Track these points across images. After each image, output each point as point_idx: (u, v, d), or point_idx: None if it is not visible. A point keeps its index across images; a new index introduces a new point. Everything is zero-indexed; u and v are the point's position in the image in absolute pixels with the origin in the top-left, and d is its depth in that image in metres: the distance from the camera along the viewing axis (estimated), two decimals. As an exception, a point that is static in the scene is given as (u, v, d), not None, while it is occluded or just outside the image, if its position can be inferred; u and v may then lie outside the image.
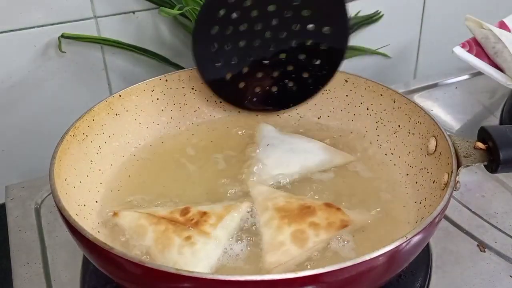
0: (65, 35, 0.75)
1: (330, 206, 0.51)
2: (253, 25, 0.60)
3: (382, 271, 0.41)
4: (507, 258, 0.57)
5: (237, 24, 0.59)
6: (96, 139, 0.59)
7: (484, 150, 0.51)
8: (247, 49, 0.61)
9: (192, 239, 0.47)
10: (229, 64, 0.62)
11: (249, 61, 0.62)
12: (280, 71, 0.64)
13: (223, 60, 0.61)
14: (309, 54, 0.62)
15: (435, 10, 1.06)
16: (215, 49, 0.61)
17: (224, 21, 0.59)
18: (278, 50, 0.62)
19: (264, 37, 0.61)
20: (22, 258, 0.58)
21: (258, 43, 0.61)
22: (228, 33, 0.60)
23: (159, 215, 0.51)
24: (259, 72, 0.64)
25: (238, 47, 0.61)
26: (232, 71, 0.62)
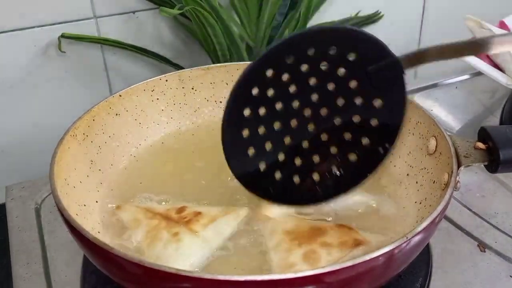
0: (65, 35, 0.75)
1: (342, 226, 0.49)
2: (290, 103, 0.49)
3: (382, 271, 0.41)
4: (507, 258, 0.57)
5: (272, 102, 0.49)
6: (96, 139, 0.59)
7: (484, 150, 0.51)
8: (283, 132, 0.50)
9: (179, 236, 0.48)
10: (263, 152, 0.50)
11: (286, 146, 0.50)
12: (322, 155, 0.51)
13: (256, 147, 0.50)
14: (356, 133, 0.50)
15: (435, 10, 1.06)
16: (247, 135, 0.50)
17: (258, 101, 0.49)
18: (319, 131, 0.50)
19: (303, 116, 0.50)
20: (22, 258, 0.58)
21: (295, 124, 0.50)
22: (262, 114, 0.49)
23: (156, 211, 0.51)
24: (297, 158, 0.51)
25: (273, 130, 0.50)
26: (266, 160, 0.50)
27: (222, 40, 0.77)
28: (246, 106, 0.49)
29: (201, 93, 0.68)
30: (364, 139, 0.50)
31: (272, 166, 0.51)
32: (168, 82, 0.66)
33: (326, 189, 0.50)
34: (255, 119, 0.49)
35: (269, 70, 0.48)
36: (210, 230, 0.49)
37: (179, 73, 0.67)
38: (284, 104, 0.49)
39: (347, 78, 0.48)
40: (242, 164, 0.50)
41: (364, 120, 0.49)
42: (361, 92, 0.49)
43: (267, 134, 0.50)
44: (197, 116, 0.68)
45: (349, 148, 0.50)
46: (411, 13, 1.05)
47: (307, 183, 0.51)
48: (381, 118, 0.49)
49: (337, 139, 0.50)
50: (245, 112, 0.49)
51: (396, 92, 0.48)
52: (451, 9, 1.03)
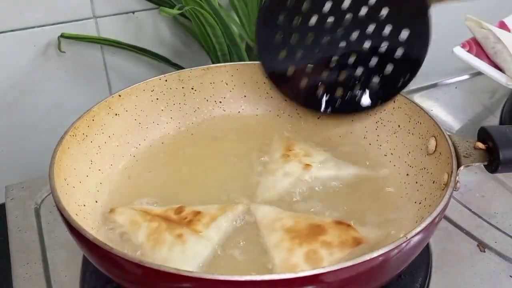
0: (65, 35, 0.75)
1: (340, 223, 0.50)
2: (324, 20, 0.54)
3: (382, 271, 0.41)
4: (507, 258, 0.57)
5: (307, 16, 0.53)
6: (96, 139, 0.58)
7: (484, 150, 0.51)
8: (314, 45, 0.55)
9: (183, 237, 0.48)
10: (294, 58, 0.56)
11: (316, 58, 0.56)
12: (348, 74, 0.57)
13: (288, 52, 0.55)
14: (382, 60, 0.55)
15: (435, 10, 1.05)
16: (280, 38, 0.55)
17: (293, 10, 0.53)
18: (349, 51, 0.55)
19: (335, 35, 0.55)
20: (22, 258, 0.58)
21: (327, 40, 0.55)
22: (296, 24, 0.54)
23: (154, 212, 0.51)
24: (325, 71, 0.57)
25: (305, 40, 0.55)
26: (296, 66, 0.56)
27: (222, 40, 0.77)
28: (282, 12, 0.53)
29: (201, 93, 0.68)
30: (389, 66, 0.55)
31: (300, 72, 0.56)
32: (168, 82, 0.66)
33: (344, 105, 0.57)
34: (289, 25, 0.54)
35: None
36: (212, 229, 0.49)
37: (179, 73, 0.67)
38: (319, 19, 0.54)
39: (379, 5, 0.52)
40: (273, 64, 0.56)
41: (391, 48, 0.54)
42: (391, 21, 0.53)
43: (300, 43, 0.55)
44: (197, 116, 0.68)
45: (373, 72, 0.55)
46: (411, 13, 1.05)
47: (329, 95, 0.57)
48: (406, 49, 0.54)
49: (364, 62, 0.55)
50: (280, 17, 0.53)
51: (421, 26, 0.53)
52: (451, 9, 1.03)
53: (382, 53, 0.55)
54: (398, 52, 0.54)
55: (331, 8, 0.54)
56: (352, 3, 0.53)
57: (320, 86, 0.57)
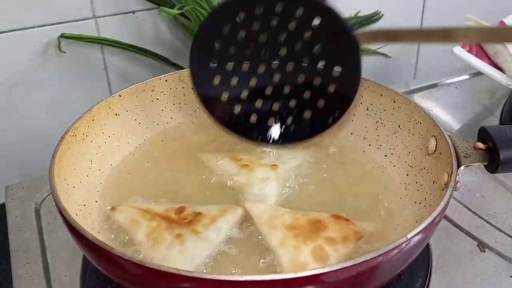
0: (65, 35, 0.75)
1: (338, 217, 0.50)
2: (260, 51, 0.55)
3: (382, 271, 0.41)
4: (507, 258, 0.57)
5: (242, 45, 0.54)
6: (96, 139, 0.59)
7: (484, 150, 0.51)
8: (249, 74, 0.56)
9: (182, 237, 0.48)
10: (228, 85, 0.56)
11: (250, 87, 0.56)
12: (281, 105, 0.57)
13: (222, 78, 0.56)
14: (315, 94, 0.56)
15: (435, 10, 1.06)
16: (215, 65, 0.55)
17: (228, 38, 0.54)
18: (283, 82, 0.56)
19: (270, 66, 0.55)
20: (22, 258, 0.58)
21: (262, 70, 0.56)
22: (232, 52, 0.54)
23: (154, 211, 0.51)
24: (259, 100, 0.57)
25: (240, 69, 0.56)
26: (229, 92, 0.56)
27: (222, 40, 0.77)
28: (217, 39, 0.53)
29: (201, 93, 0.68)
30: (320, 101, 0.55)
31: (234, 99, 0.56)
32: (168, 82, 0.66)
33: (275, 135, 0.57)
34: (224, 53, 0.54)
35: (242, 13, 0.52)
36: (212, 230, 0.49)
37: (179, 73, 0.67)
38: (254, 50, 0.54)
39: (313, 41, 0.53)
40: (206, 87, 0.55)
41: (323, 83, 0.54)
42: (324, 57, 0.54)
43: (235, 71, 0.55)
44: (197, 116, 0.68)
45: (305, 105, 0.55)
46: (411, 13, 1.05)
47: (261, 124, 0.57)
48: (338, 86, 0.54)
49: (297, 95, 0.56)
50: (216, 44, 0.53)
51: (352, 65, 0.53)
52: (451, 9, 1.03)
53: (315, 87, 0.55)
54: (330, 88, 0.55)
55: (267, 40, 0.54)
56: (287, 37, 0.54)
57: (253, 114, 0.56)
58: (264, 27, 0.53)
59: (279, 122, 0.57)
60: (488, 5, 1.01)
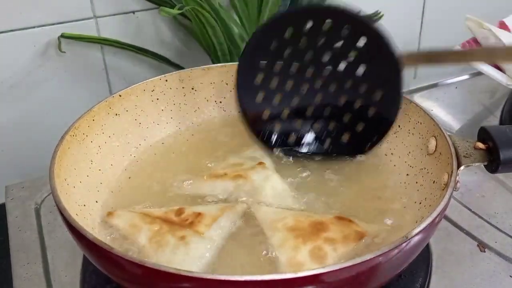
0: (65, 35, 0.75)
1: (342, 219, 0.50)
2: (304, 69, 0.55)
3: (382, 271, 0.41)
4: (507, 258, 0.57)
5: (288, 62, 0.55)
6: (96, 139, 0.59)
7: (484, 150, 0.51)
8: (292, 93, 0.57)
9: (186, 239, 0.48)
10: (271, 102, 0.57)
11: (292, 106, 0.57)
12: (321, 126, 0.58)
13: (265, 95, 0.57)
14: (354, 117, 0.57)
15: (435, 10, 1.06)
16: (260, 81, 0.56)
17: (275, 55, 0.55)
18: (325, 104, 0.57)
19: (313, 86, 0.56)
20: (22, 258, 0.58)
21: (305, 90, 0.56)
22: (277, 69, 0.56)
23: (154, 215, 0.51)
24: (299, 120, 0.58)
25: (284, 87, 0.57)
26: (271, 110, 0.58)
27: (222, 40, 0.77)
28: (265, 54, 0.55)
29: (201, 93, 0.68)
30: (359, 125, 0.56)
31: (275, 117, 0.58)
32: (168, 82, 0.66)
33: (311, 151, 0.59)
34: (271, 69, 0.55)
35: (289, 29, 0.53)
36: (214, 230, 0.49)
37: (179, 73, 0.67)
38: (299, 68, 0.55)
39: (357, 62, 0.54)
40: (249, 102, 0.57)
41: (364, 107, 0.56)
42: (366, 80, 0.54)
43: (278, 88, 0.56)
44: (197, 116, 0.68)
45: (344, 128, 0.57)
46: (411, 13, 1.05)
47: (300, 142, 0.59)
48: (378, 110, 0.55)
49: (338, 117, 0.57)
50: (263, 60, 0.55)
51: (394, 88, 0.54)
52: (451, 9, 1.03)
53: (355, 110, 0.56)
54: (370, 111, 0.56)
55: (312, 58, 0.55)
56: (332, 57, 0.54)
57: (293, 134, 0.58)
58: (310, 45, 0.54)
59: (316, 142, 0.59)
60: (488, 5, 1.01)
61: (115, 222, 0.51)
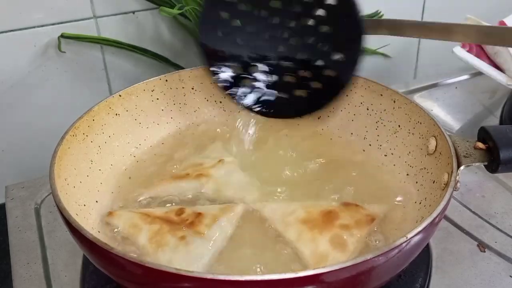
0: (65, 35, 0.75)
1: (348, 204, 0.51)
2: (271, 17, 0.56)
3: (382, 271, 0.41)
4: (507, 258, 0.57)
5: (255, 6, 0.56)
6: (96, 139, 0.59)
7: (484, 150, 0.51)
8: (255, 38, 0.57)
9: (186, 239, 0.48)
10: (232, 40, 0.58)
11: (253, 52, 0.58)
12: (278, 78, 0.59)
13: (228, 32, 0.57)
14: (312, 74, 0.58)
15: (435, 10, 1.06)
16: (225, 17, 0.57)
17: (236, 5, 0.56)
18: (285, 56, 0.58)
19: (276, 35, 0.57)
20: (22, 258, 0.58)
21: (267, 37, 0.57)
22: (243, 9, 0.56)
23: (154, 215, 0.51)
24: (255, 67, 0.59)
25: (247, 28, 0.57)
26: (230, 49, 0.58)
27: (222, 40, 0.77)
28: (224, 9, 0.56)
29: (201, 93, 0.68)
30: (315, 83, 0.57)
31: (234, 57, 0.58)
32: (168, 82, 0.66)
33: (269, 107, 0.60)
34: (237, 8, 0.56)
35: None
36: (215, 230, 0.49)
37: (179, 73, 0.67)
38: (265, 14, 0.56)
39: (322, 21, 0.55)
40: (210, 36, 0.58)
41: (322, 66, 0.57)
42: (328, 40, 0.56)
43: (242, 29, 0.57)
44: (197, 116, 0.68)
45: (299, 84, 0.58)
46: (411, 13, 1.05)
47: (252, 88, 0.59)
48: (335, 71, 0.57)
49: (296, 73, 0.58)
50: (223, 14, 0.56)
51: (352, 53, 0.55)
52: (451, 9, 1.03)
53: (313, 68, 0.57)
54: (327, 72, 0.57)
55: (280, 8, 0.55)
56: (300, 11, 0.55)
57: (246, 78, 0.59)
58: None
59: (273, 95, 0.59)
60: (488, 5, 1.01)
61: (115, 222, 0.51)
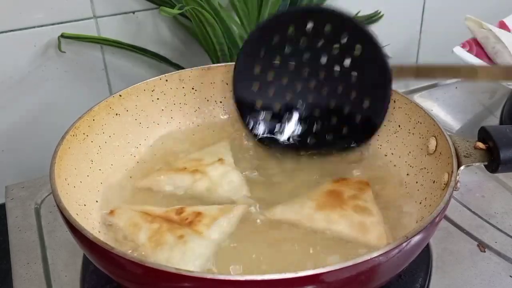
0: (65, 35, 0.75)
1: (338, 181, 0.55)
2: (301, 68, 0.59)
3: (383, 270, 0.41)
4: (507, 258, 0.57)
5: (287, 58, 0.59)
6: (97, 139, 0.59)
7: (484, 150, 0.51)
8: (287, 88, 0.60)
9: (184, 238, 0.48)
10: (265, 93, 0.61)
11: (285, 100, 0.61)
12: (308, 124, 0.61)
13: (262, 85, 0.61)
14: (340, 121, 0.60)
15: (435, 10, 1.06)
16: (257, 71, 0.60)
17: (276, 50, 0.59)
18: (315, 104, 0.61)
19: (307, 86, 0.60)
20: (22, 258, 0.58)
21: (299, 88, 0.60)
22: (276, 62, 0.60)
23: (155, 214, 0.51)
24: (288, 113, 0.62)
25: (280, 82, 0.60)
26: (264, 100, 0.61)
27: (222, 40, 0.77)
28: (266, 48, 0.58)
29: (201, 93, 0.68)
30: (344, 128, 0.60)
31: (267, 107, 0.61)
32: (168, 82, 0.66)
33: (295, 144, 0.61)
34: (268, 63, 0.59)
35: (292, 27, 0.57)
36: (214, 230, 0.49)
37: (179, 73, 0.67)
38: (297, 66, 0.59)
39: (350, 68, 0.57)
40: (243, 91, 0.61)
41: (351, 113, 0.59)
42: (357, 87, 0.58)
43: (274, 82, 0.60)
44: (197, 116, 0.68)
45: (329, 130, 0.60)
46: (411, 13, 1.05)
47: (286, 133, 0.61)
48: (364, 116, 0.58)
49: (326, 119, 0.60)
50: (263, 52, 0.59)
51: (381, 99, 0.57)
52: (451, 9, 1.03)
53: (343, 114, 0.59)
54: (357, 118, 0.59)
55: (309, 59, 0.58)
56: (328, 60, 0.58)
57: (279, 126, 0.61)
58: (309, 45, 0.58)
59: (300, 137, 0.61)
60: (488, 5, 1.01)
61: (116, 221, 0.51)
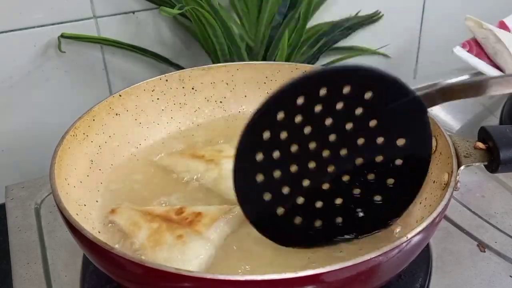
0: (65, 35, 0.76)
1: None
2: (306, 145, 0.46)
3: (383, 270, 0.41)
4: (507, 258, 0.57)
5: (286, 145, 0.45)
6: (97, 139, 0.59)
7: (484, 150, 0.51)
8: (300, 175, 0.47)
9: (183, 238, 0.48)
10: (280, 196, 0.47)
11: (305, 189, 0.47)
12: (345, 197, 0.48)
13: (273, 191, 0.47)
14: (380, 173, 0.48)
15: (435, 10, 1.06)
16: (262, 180, 0.46)
17: (270, 144, 0.45)
18: (340, 172, 0.47)
19: (321, 158, 0.47)
20: (22, 258, 0.58)
21: (313, 166, 0.47)
22: (277, 157, 0.45)
23: (155, 213, 0.51)
24: (318, 201, 0.48)
25: (290, 173, 0.46)
26: (284, 204, 0.47)
27: (222, 40, 0.77)
28: (258, 151, 0.45)
29: (201, 93, 0.68)
30: (389, 179, 0.48)
31: (290, 210, 0.47)
32: (168, 82, 0.66)
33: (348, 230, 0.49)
34: (269, 163, 0.45)
35: (280, 113, 0.44)
36: (213, 230, 0.49)
37: (179, 73, 0.67)
38: (300, 146, 0.46)
39: (365, 118, 0.45)
40: (258, 209, 0.47)
41: (387, 159, 0.47)
42: (382, 131, 0.46)
43: (284, 178, 0.46)
44: (197, 116, 0.68)
45: (373, 189, 0.48)
46: (411, 13, 1.05)
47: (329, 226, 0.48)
48: (406, 157, 0.47)
49: (360, 180, 0.48)
50: (258, 156, 0.45)
51: (419, 130, 0.47)
52: (451, 9, 1.03)
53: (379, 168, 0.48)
54: (397, 163, 0.47)
55: (312, 131, 0.45)
56: (334, 121, 0.45)
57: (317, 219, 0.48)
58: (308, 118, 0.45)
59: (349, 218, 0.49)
60: (488, 5, 1.01)
61: (116, 220, 0.52)
